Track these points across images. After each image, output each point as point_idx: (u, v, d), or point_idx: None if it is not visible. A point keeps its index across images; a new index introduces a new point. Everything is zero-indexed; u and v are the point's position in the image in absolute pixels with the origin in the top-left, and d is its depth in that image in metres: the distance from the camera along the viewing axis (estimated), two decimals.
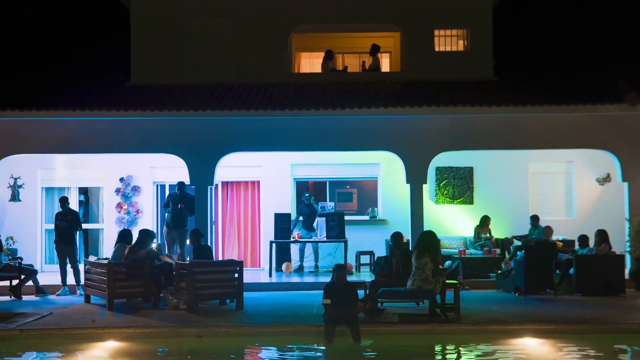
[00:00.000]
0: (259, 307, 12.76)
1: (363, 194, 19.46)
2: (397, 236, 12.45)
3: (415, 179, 15.78)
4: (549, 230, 14.95)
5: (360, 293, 11.37)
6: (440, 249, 12.06)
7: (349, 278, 10.88)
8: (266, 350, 10.30)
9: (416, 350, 10.26)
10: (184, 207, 15.82)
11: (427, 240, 11.48)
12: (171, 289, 13.01)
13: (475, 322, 11.05)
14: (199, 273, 12.49)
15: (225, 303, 13.17)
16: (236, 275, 12.84)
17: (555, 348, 9.94)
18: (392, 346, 10.37)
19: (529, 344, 10.20)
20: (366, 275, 16.44)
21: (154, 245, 13.63)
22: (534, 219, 17.21)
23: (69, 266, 15.18)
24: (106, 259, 13.98)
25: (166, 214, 16.31)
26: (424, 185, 16.14)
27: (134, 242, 13.54)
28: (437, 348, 10.41)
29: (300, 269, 17.64)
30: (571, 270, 14.30)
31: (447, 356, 10.27)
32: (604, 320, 11.29)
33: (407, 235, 15.48)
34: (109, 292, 12.74)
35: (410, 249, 13.11)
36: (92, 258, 14.05)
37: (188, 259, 13.61)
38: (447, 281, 11.71)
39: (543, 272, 13.69)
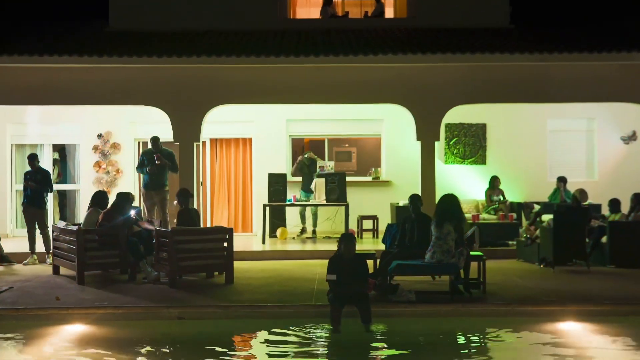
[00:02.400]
0: (251, 281, 11.15)
1: (363, 153, 17.90)
2: (415, 199, 10.69)
3: (427, 135, 14.14)
4: (583, 193, 13.29)
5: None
6: (464, 215, 10.39)
7: None
8: (259, 336, 8.63)
9: (438, 336, 8.63)
10: (161, 157, 14.04)
11: (449, 206, 9.80)
12: (151, 259, 11.41)
13: (505, 302, 9.44)
14: (182, 242, 10.81)
15: (212, 276, 11.56)
16: (225, 244, 11.18)
17: (609, 336, 8.34)
18: (408, 331, 8.78)
19: (574, 330, 8.60)
20: (369, 243, 14.90)
21: (132, 212, 11.98)
22: (561, 180, 15.65)
23: (38, 232, 13.54)
24: (77, 224, 12.31)
25: (142, 176, 14.60)
26: None
27: (109, 206, 11.82)
28: (464, 334, 8.76)
29: (303, 231, 16.15)
30: (603, 239, 12.71)
31: (478, 345, 8.54)
32: None
33: None
34: (79, 264, 11.08)
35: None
36: (60, 224, 12.36)
37: (175, 222, 11.92)
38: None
39: (575, 240, 12.07)
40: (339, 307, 8.67)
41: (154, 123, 15.81)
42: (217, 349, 8.10)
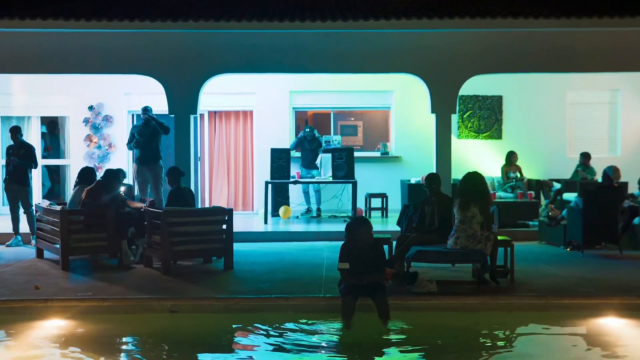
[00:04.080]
0: (252, 267, 10.15)
1: (370, 127, 16.90)
2: (433, 179, 9.63)
3: (442, 108, 13.03)
4: (616, 170, 12.22)
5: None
6: (490, 196, 9.36)
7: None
8: (262, 333, 7.57)
9: (465, 334, 7.61)
10: (148, 118, 13.00)
11: (475, 186, 8.75)
12: (143, 242, 10.40)
13: (538, 293, 8.40)
14: (176, 224, 9.77)
15: (210, 260, 10.55)
16: (224, 226, 10.15)
17: None
18: (431, 326, 7.79)
19: (619, 327, 7.59)
20: (378, 223, 13.91)
21: (122, 188, 10.96)
22: (585, 156, 14.64)
23: (21, 211, 12.54)
24: (63, 204, 11.28)
25: (134, 150, 13.58)
26: None
27: (94, 183, 10.71)
28: (495, 331, 7.74)
29: (309, 212, 15.22)
30: (635, 220, 11.69)
31: (512, 345, 7.45)
32: None
33: None
34: (63, 248, 10.04)
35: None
36: (43, 203, 11.32)
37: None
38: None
39: (606, 223, 11.07)
40: (352, 300, 7.69)
41: (149, 94, 14.80)
42: (214, 347, 7.17)
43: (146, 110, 13.11)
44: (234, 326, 7.84)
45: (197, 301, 8.26)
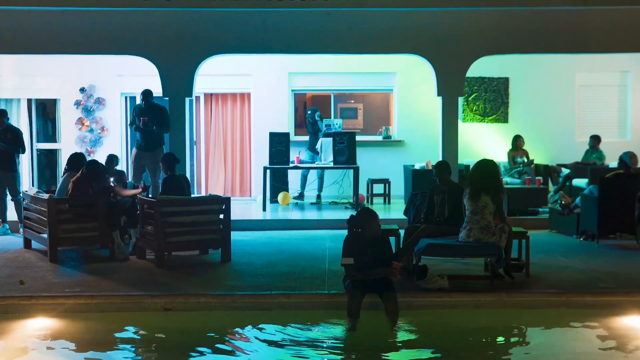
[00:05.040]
0: (251, 258, 9.63)
1: (371, 109, 16.38)
2: (442, 166, 9.06)
3: (449, 90, 12.49)
4: (633, 157, 11.64)
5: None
6: (504, 185, 8.83)
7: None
8: (261, 333, 7.03)
9: (479, 334, 7.11)
10: (148, 120, 12.28)
11: (486, 174, 8.19)
12: (136, 232, 9.88)
13: (557, 289, 7.88)
14: (170, 214, 9.23)
15: (207, 252, 10.02)
16: (221, 216, 9.61)
17: None
18: (441, 326, 7.28)
19: None
20: (380, 210, 13.36)
21: (110, 178, 10.41)
22: (595, 139, 14.14)
23: (9, 198, 12.01)
24: (52, 192, 10.72)
25: (136, 134, 12.94)
26: None
27: (79, 174, 10.05)
28: (513, 332, 7.26)
29: (300, 197, 14.65)
30: None
31: (532, 348, 6.88)
32: None
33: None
34: (51, 238, 9.49)
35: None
36: (31, 190, 10.76)
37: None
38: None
39: (622, 211, 10.53)
40: (359, 298, 7.16)
41: (142, 76, 14.26)
42: (210, 347, 6.66)
43: (146, 95, 12.29)
44: (231, 325, 7.32)
45: (192, 298, 7.71)
